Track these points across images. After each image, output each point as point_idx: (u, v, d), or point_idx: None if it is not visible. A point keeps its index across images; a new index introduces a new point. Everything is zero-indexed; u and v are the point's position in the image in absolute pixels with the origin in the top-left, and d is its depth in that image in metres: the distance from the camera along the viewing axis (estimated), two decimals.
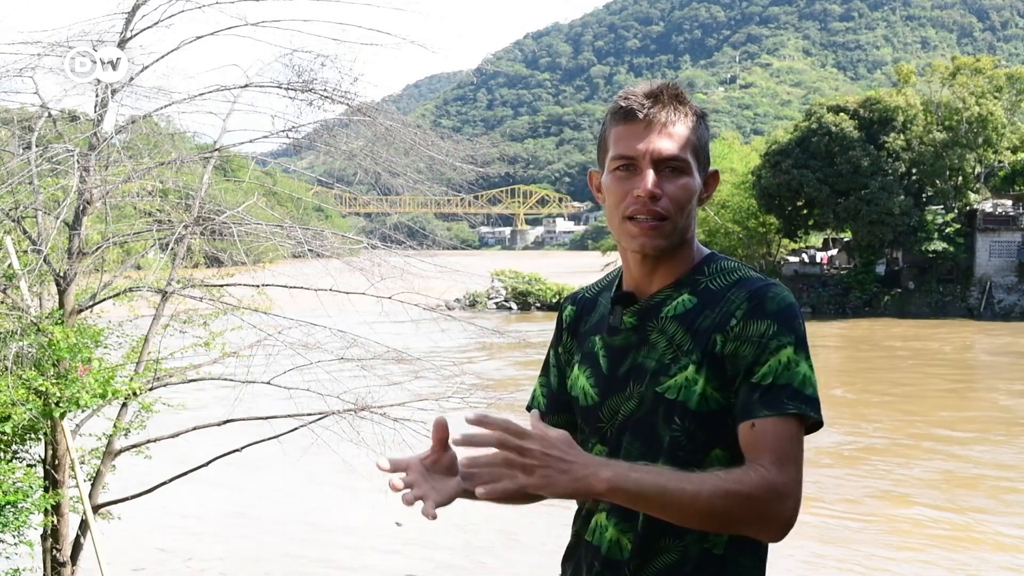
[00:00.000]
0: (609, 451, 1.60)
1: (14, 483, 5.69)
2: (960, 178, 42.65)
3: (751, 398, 1.48)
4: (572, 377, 1.73)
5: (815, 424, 1.49)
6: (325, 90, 6.42)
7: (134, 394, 6.30)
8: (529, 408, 1.77)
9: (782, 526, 1.44)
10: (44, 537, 6.32)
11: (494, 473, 1.38)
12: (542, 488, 1.37)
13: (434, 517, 1.45)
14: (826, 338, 33.89)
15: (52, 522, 6.26)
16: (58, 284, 6.23)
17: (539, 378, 1.84)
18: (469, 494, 1.54)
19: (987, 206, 42.90)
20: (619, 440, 1.59)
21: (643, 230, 1.55)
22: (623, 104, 1.56)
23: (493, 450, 1.38)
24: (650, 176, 1.53)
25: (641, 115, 1.54)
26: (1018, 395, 21.82)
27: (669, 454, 1.53)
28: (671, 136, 1.54)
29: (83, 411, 6.20)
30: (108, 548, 8.45)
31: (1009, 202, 42.89)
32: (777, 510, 1.43)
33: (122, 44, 6.16)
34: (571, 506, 1.69)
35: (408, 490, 1.47)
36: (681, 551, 1.53)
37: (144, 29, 6.28)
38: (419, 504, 1.46)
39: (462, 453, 1.50)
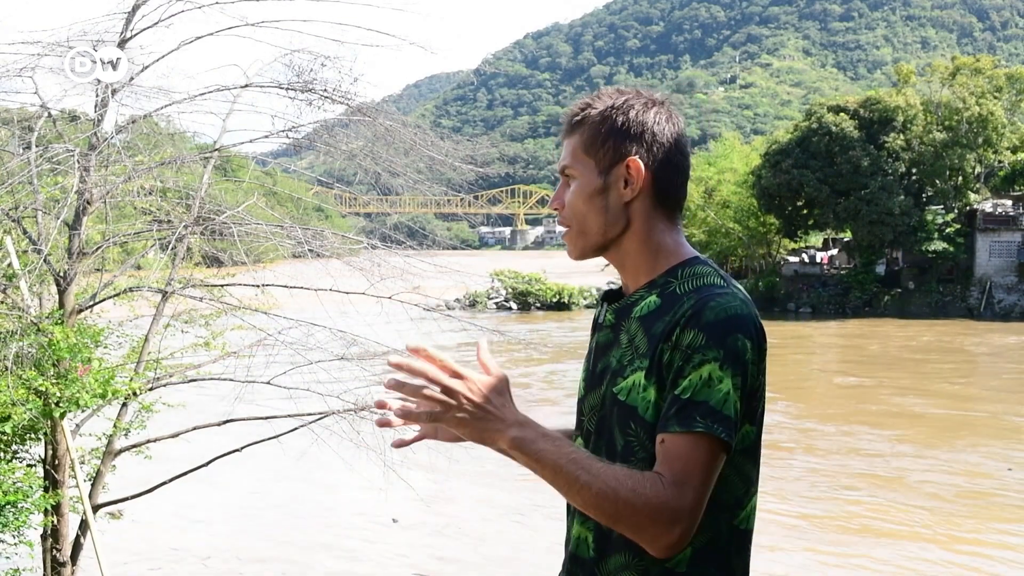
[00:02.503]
0: (584, 447, 1.59)
1: (14, 483, 5.69)
2: (960, 178, 42.68)
3: (669, 411, 1.43)
4: None
5: (726, 446, 1.42)
6: (325, 90, 6.42)
7: (134, 394, 6.30)
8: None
9: (662, 548, 1.39)
10: (44, 537, 6.32)
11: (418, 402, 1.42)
12: (453, 428, 1.42)
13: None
14: (821, 338, 33.87)
15: (52, 522, 6.26)
16: (58, 284, 6.23)
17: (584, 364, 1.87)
18: (443, 434, 1.62)
19: (987, 206, 42.92)
20: (590, 437, 1.60)
21: (564, 238, 1.67)
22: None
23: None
24: (557, 190, 1.65)
25: (562, 133, 1.65)
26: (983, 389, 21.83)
27: (623, 460, 1.48)
28: (566, 147, 1.63)
29: (83, 411, 6.20)
30: (119, 548, 8.46)
31: (1009, 202, 42.91)
32: (661, 533, 1.37)
33: (122, 44, 6.16)
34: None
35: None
36: (641, 571, 1.49)
37: (144, 29, 6.28)
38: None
39: None
